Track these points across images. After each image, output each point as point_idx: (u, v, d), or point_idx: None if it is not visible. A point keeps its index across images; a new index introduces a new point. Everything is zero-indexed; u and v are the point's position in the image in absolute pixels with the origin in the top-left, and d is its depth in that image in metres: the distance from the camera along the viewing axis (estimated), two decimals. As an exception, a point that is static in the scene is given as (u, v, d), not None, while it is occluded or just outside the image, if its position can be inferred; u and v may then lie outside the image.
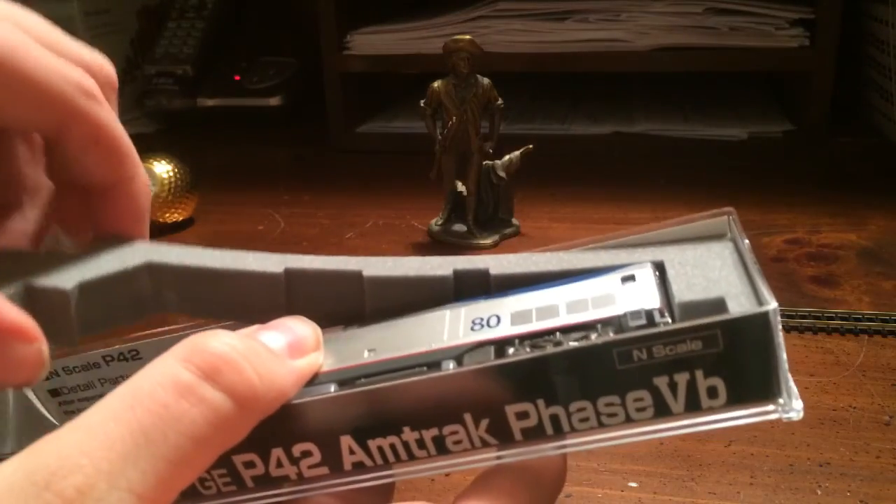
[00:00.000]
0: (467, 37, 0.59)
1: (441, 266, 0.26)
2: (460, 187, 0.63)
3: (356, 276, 0.26)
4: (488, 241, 0.62)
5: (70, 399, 0.30)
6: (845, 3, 0.78)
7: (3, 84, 0.22)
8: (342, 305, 0.26)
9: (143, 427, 0.18)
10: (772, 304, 0.21)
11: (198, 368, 0.19)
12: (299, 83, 1.02)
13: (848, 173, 0.77)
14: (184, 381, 0.19)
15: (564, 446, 0.23)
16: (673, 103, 0.95)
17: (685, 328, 0.21)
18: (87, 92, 0.24)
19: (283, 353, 0.22)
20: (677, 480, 0.34)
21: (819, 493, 0.33)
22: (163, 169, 0.66)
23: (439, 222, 0.64)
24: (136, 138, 0.25)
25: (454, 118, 0.60)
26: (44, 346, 0.21)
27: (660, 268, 0.25)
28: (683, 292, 0.24)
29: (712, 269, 0.25)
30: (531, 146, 0.63)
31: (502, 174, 0.62)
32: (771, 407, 0.22)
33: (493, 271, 0.26)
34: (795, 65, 0.82)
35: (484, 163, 0.62)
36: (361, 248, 0.63)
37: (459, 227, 0.64)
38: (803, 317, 0.48)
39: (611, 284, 0.24)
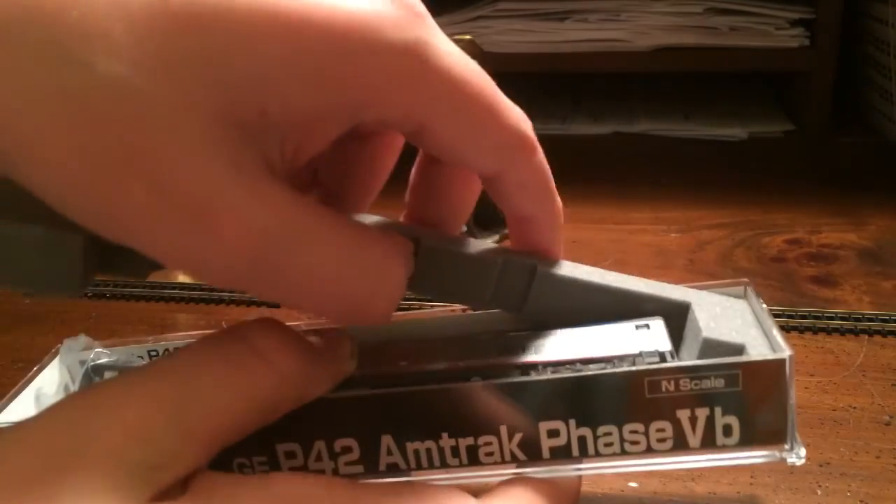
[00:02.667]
0: (467, 37, 0.59)
1: (494, 252, 0.28)
2: (460, 187, 0.63)
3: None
4: (488, 241, 0.61)
5: None
6: (845, 3, 0.78)
7: (470, 128, 0.22)
8: None
9: (180, 354, 0.21)
10: (787, 352, 0.24)
11: (239, 329, 0.22)
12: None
13: (848, 173, 0.77)
14: (232, 347, 0.22)
15: (585, 468, 0.25)
16: (673, 103, 0.95)
17: (710, 365, 0.23)
18: (531, 143, 0.24)
19: (322, 349, 0.24)
20: (677, 480, 0.34)
21: (819, 493, 0.33)
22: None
23: (439, 222, 0.64)
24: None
25: (454, 118, 0.60)
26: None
27: (685, 310, 0.28)
28: (709, 330, 0.26)
29: (734, 318, 0.27)
30: (531, 146, 0.63)
31: (502, 174, 0.62)
32: (778, 451, 0.24)
33: (541, 268, 0.28)
34: (795, 65, 0.82)
35: (484, 163, 0.62)
36: (361, 248, 0.62)
37: (459, 227, 0.64)
38: (803, 317, 0.47)
39: (626, 330, 0.27)
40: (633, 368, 0.24)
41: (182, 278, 0.56)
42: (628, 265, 0.57)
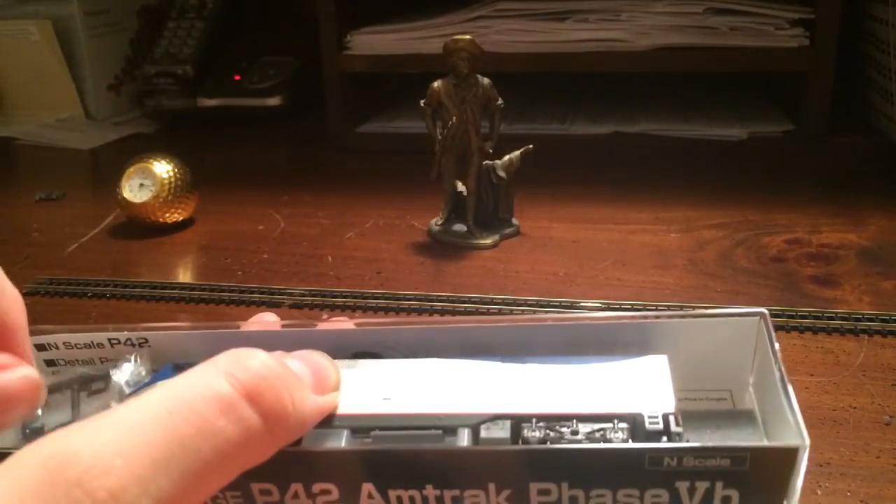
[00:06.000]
0: (467, 37, 0.59)
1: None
2: (460, 187, 0.63)
3: None
4: (488, 241, 0.62)
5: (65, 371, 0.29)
6: (845, 3, 0.78)
7: None
8: None
9: (180, 436, 0.18)
10: (805, 442, 0.22)
11: (241, 385, 0.20)
12: (299, 83, 1.02)
13: (848, 173, 0.77)
14: (225, 396, 0.19)
15: None
16: (673, 103, 0.95)
17: (719, 448, 0.22)
18: None
19: (309, 385, 0.23)
20: (677, 480, 0.34)
21: (819, 493, 0.33)
22: (163, 169, 0.66)
23: (439, 222, 0.64)
24: (136, 138, 0.26)
25: (454, 118, 0.60)
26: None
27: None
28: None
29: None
30: (531, 146, 0.63)
31: (502, 174, 0.62)
32: None
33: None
34: (795, 65, 0.82)
35: (484, 163, 0.62)
36: (362, 248, 0.62)
37: (459, 227, 0.64)
38: (803, 317, 0.47)
39: (626, 374, 0.25)
40: (636, 446, 0.23)
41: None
42: (628, 265, 0.57)
